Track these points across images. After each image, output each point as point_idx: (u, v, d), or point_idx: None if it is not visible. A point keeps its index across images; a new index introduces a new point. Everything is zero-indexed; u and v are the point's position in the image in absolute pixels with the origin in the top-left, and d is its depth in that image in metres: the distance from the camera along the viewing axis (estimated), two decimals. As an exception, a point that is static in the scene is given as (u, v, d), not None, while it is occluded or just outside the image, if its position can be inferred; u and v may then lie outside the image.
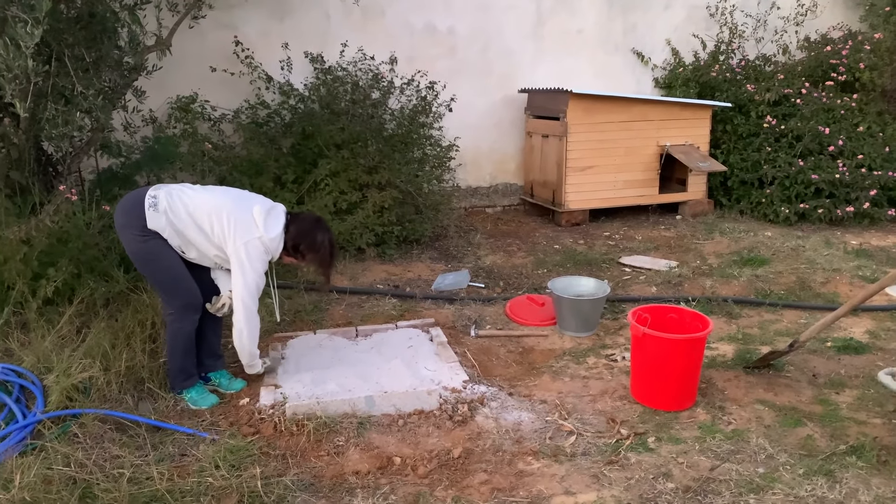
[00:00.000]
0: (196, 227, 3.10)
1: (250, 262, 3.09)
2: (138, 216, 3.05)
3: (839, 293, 4.60)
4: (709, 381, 3.44)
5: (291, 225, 3.24)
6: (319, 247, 3.28)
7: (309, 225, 3.30)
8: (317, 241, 3.27)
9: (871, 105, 6.96)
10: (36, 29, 3.22)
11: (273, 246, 3.17)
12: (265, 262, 3.17)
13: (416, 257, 5.54)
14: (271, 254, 3.20)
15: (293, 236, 3.23)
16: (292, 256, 3.30)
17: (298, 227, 3.25)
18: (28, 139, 4.22)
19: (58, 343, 3.45)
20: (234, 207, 3.13)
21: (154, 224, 3.05)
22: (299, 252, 3.26)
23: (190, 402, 3.28)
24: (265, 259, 3.17)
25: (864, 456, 2.75)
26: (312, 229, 3.28)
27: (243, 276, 3.10)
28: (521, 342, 4.00)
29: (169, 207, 3.07)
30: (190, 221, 3.09)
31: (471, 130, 6.80)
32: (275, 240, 3.17)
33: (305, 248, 3.26)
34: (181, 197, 3.13)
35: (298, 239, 3.23)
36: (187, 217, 3.09)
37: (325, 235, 3.30)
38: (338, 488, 2.66)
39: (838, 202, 6.19)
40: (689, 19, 7.40)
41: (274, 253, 3.21)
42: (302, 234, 3.24)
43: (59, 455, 2.69)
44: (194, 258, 3.21)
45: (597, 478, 2.70)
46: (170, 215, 3.07)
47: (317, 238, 3.27)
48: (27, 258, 3.80)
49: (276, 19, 6.27)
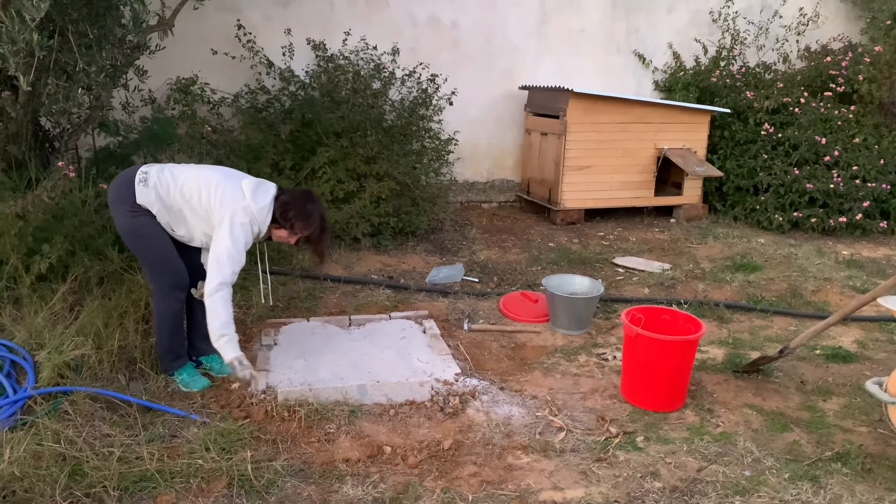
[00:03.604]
0: (184, 201, 3.07)
1: (231, 231, 3.02)
2: (129, 191, 3.05)
3: (829, 302, 4.64)
4: (699, 383, 3.47)
5: (281, 196, 3.18)
6: (310, 216, 3.20)
7: (299, 195, 3.24)
8: (307, 210, 3.19)
9: (868, 117, 7.00)
10: (42, 2, 3.19)
11: (261, 217, 3.11)
12: (249, 234, 3.08)
13: (412, 249, 5.55)
14: (258, 226, 3.12)
15: (282, 205, 3.15)
16: (282, 228, 3.20)
17: (288, 198, 3.19)
18: (27, 114, 4.19)
19: (50, 320, 3.43)
20: (222, 179, 3.11)
21: (143, 199, 3.04)
22: (289, 221, 3.16)
23: (181, 384, 3.28)
24: (250, 231, 3.08)
25: (850, 463, 2.79)
26: (303, 199, 3.22)
27: (222, 243, 3.02)
28: (514, 337, 4.02)
29: (158, 182, 3.06)
30: (178, 196, 3.07)
31: (470, 125, 6.81)
32: (263, 209, 3.10)
33: (295, 217, 3.17)
34: (172, 172, 3.12)
35: (288, 207, 3.16)
36: (176, 192, 3.06)
37: (316, 207, 3.23)
38: (328, 475, 2.67)
39: (831, 212, 6.23)
40: (691, 23, 7.42)
41: (261, 225, 3.13)
42: (292, 203, 3.17)
43: (49, 431, 2.69)
44: (183, 236, 3.19)
45: (585, 474, 2.72)
46: (159, 190, 3.05)
47: (307, 207, 3.19)
48: (22, 233, 3.78)
49: (280, 5, 6.24)
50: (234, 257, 3.03)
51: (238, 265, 3.07)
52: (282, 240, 3.30)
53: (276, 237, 3.27)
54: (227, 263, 3.03)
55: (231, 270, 3.04)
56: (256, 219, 3.10)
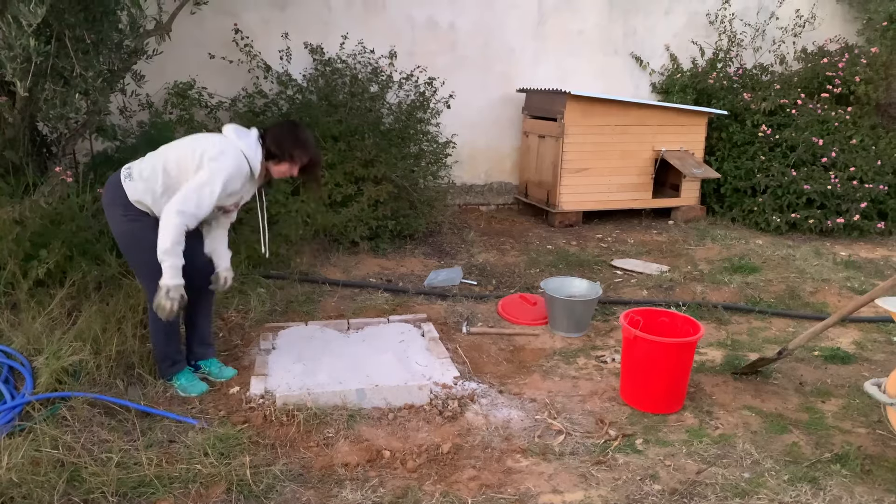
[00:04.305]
0: (170, 178, 2.97)
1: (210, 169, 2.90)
2: (119, 192, 3.02)
3: (828, 303, 4.64)
4: (697, 385, 3.47)
5: (268, 133, 3.10)
6: (306, 142, 3.10)
7: (287, 126, 3.16)
8: (301, 138, 3.10)
9: (865, 118, 7.02)
10: (39, 8, 3.19)
11: (251, 153, 3.01)
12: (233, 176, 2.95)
13: (410, 252, 5.55)
14: (248, 164, 3.01)
15: (275, 138, 3.07)
16: (282, 161, 3.08)
17: (278, 131, 3.11)
18: (24, 119, 4.19)
19: (48, 325, 3.43)
20: (198, 139, 3.05)
21: (134, 195, 2.99)
22: (287, 152, 3.06)
23: (179, 389, 3.27)
24: (236, 174, 2.96)
25: (849, 464, 2.79)
26: (292, 128, 3.14)
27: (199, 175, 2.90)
28: (513, 340, 4.02)
29: (141, 172, 3.01)
30: (163, 175, 2.97)
31: (468, 128, 6.81)
32: (251, 146, 3.01)
33: (292, 146, 3.06)
34: (150, 158, 3.07)
35: (282, 139, 3.07)
36: (160, 172, 2.98)
37: (307, 132, 3.16)
38: (327, 479, 2.67)
39: (829, 213, 6.24)
40: (688, 25, 7.43)
41: (252, 161, 3.02)
42: (284, 134, 3.09)
43: (47, 437, 2.68)
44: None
45: (584, 477, 2.72)
46: (144, 178, 2.99)
47: (300, 135, 3.11)
48: (19, 238, 3.78)
49: (277, 8, 6.25)
50: (204, 193, 2.88)
51: (206, 202, 2.90)
52: (283, 175, 3.17)
53: (278, 173, 3.15)
54: (193, 194, 2.87)
55: (195, 202, 2.88)
56: (246, 156, 3.00)
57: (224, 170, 2.93)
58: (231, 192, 3.03)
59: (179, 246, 2.91)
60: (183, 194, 2.89)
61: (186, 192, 2.89)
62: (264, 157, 3.08)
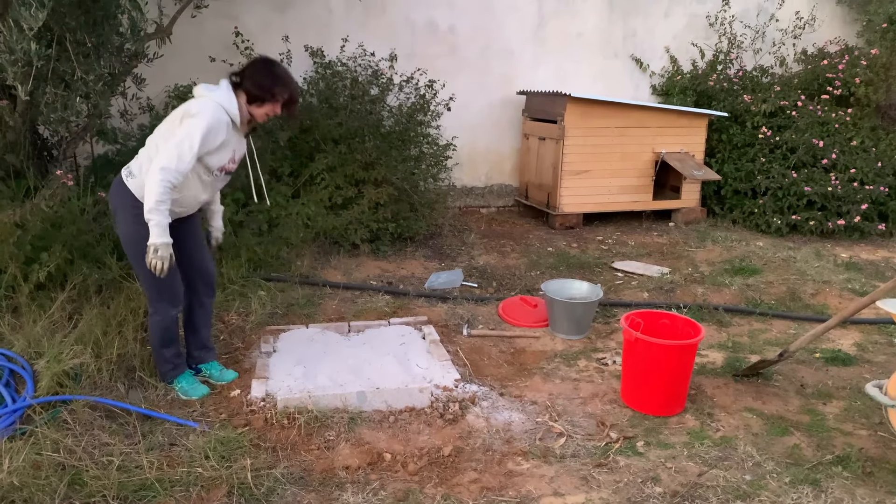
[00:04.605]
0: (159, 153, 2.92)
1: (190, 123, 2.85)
2: (126, 192, 3.01)
3: (829, 305, 4.64)
4: (698, 387, 3.47)
5: (242, 75, 3.00)
6: (283, 77, 3.03)
7: (259, 64, 3.05)
8: (277, 73, 3.02)
9: (865, 120, 7.02)
10: (40, 12, 3.20)
11: (227, 102, 2.94)
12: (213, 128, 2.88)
13: (410, 255, 5.55)
14: (227, 114, 2.94)
15: (251, 79, 2.97)
16: (263, 103, 3.00)
17: (251, 72, 3.00)
18: (25, 122, 4.19)
19: (49, 328, 3.44)
20: (170, 115, 3.01)
21: (139, 191, 2.96)
22: (268, 91, 2.98)
23: (180, 392, 3.27)
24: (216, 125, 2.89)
25: (850, 466, 2.78)
26: (265, 65, 3.05)
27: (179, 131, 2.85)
28: (513, 343, 4.02)
29: (140, 167, 2.99)
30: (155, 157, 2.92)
31: (468, 130, 6.81)
32: (224, 95, 2.94)
33: (272, 84, 2.98)
34: (143, 151, 3.05)
35: (259, 79, 2.98)
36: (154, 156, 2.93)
37: (282, 67, 3.09)
38: (328, 482, 2.67)
39: (830, 215, 6.24)
40: (688, 27, 7.44)
41: (229, 109, 2.94)
42: (259, 74, 2.99)
43: (48, 441, 2.69)
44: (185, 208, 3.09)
45: (586, 480, 2.72)
46: (144, 171, 2.96)
47: (275, 71, 3.03)
48: (20, 242, 3.78)
49: (278, 11, 6.25)
50: (184, 147, 2.83)
51: (187, 156, 2.84)
52: (266, 117, 3.07)
53: (261, 116, 3.05)
54: (173, 150, 2.82)
55: (176, 157, 2.82)
56: (223, 107, 2.93)
57: (202, 123, 2.86)
58: (220, 145, 2.96)
59: (164, 204, 2.84)
60: (164, 152, 2.85)
61: (167, 150, 2.85)
62: (247, 101, 3.01)
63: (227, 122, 2.95)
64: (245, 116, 3.04)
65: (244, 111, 3.02)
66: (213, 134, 2.90)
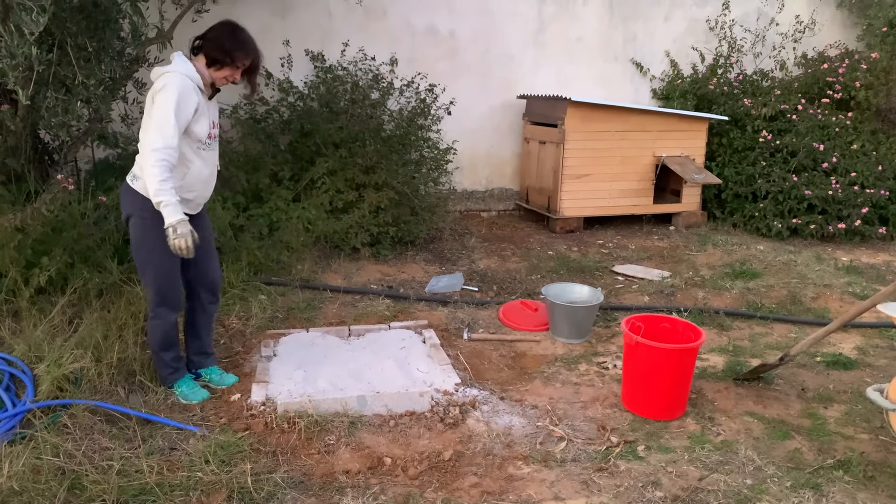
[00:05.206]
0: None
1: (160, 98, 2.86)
2: (134, 197, 3.02)
3: (829, 308, 4.64)
4: (699, 391, 3.47)
5: (203, 38, 3.02)
6: (246, 42, 3.03)
7: (221, 28, 3.05)
8: (240, 38, 3.02)
9: (866, 123, 7.03)
10: (41, 16, 3.20)
11: (189, 71, 2.94)
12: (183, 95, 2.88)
13: (411, 259, 5.55)
14: (194, 81, 2.95)
15: (212, 42, 2.99)
16: (223, 66, 3.01)
17: (213, 34, 3.02)
18: (26, 127, 4.20)
19: (49, 332, 3.44)
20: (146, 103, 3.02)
21: (144, 190, 2.96)
22: (228, 55, 2.98)
23: (181, 396, 3.27)
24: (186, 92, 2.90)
25: (851, 470, 2.78)
26: (229, 28, 3.05)
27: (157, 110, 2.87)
28: (514, 347, 4.01)
29: (142, 169, 2.98)
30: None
31: (468, 134, 6.82)
32: (184, 65, 2.95)
33: (232, 48, 2.99)
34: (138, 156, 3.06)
35: (220, 42, 2.99)
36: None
37: (246, 32, 3.07)
38: (328, 487, 2.66)
39: (830, 219, 6.24)
40: (688, 31, 7.45)
41: (192, 76, 2.94)
42: (220, 37, 3.00)
43: (48, 445, 2.68)
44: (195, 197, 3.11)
45: (586, 484, 2.71)
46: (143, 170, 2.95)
47: (238, 35, 3.03)
48: (21, 246, 3.78)
49: (278, 16, 6.27)
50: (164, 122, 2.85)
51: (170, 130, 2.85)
52: (225, 81, 3.08)
53: (220, 80, 3.06)
54: (155, 129, 2.85)
55: (161, 134, 2.84)
56: (183, 74, 2.92)
57: (171, 93, 2.88)
58: (198, 112, 2.97)
59: (167, 182, 2.85)
60: (149, 136, 2.88)
61: (151, 132, 2.87)
62: (206, 64, 3.02)
63: (192, 86, 2.96)
64: (207, 79, 3.05)
65: (205, 74, 3.03)
66: (185, 100, 2.91)
